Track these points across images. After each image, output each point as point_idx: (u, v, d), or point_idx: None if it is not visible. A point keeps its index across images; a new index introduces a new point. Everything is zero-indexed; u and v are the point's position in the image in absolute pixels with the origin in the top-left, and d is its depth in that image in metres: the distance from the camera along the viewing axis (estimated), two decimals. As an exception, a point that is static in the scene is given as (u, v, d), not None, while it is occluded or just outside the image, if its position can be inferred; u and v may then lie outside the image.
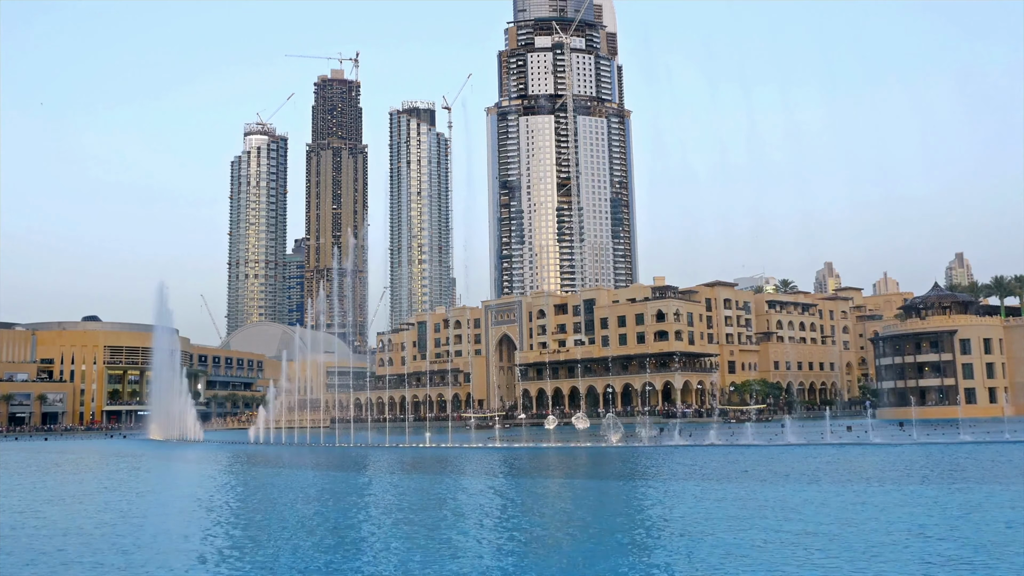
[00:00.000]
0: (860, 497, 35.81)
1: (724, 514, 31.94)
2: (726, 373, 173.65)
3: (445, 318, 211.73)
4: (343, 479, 54.42)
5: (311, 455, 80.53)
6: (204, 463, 72.00)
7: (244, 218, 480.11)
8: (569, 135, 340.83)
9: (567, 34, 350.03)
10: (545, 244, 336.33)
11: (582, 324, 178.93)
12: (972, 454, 57.70)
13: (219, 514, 36.05)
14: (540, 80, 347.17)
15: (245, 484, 53.02)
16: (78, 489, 49.49)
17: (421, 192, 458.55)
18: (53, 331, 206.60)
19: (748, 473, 48.51)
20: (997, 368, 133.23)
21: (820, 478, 44.49)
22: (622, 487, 44.43)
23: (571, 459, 64.99)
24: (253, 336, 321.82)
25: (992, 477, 43.45)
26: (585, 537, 27.93)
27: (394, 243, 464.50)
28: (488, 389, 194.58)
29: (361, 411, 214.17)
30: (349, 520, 33.11)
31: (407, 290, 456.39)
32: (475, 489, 44.12)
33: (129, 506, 40.15)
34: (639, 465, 57.34)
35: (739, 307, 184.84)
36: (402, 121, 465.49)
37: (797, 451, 65.13)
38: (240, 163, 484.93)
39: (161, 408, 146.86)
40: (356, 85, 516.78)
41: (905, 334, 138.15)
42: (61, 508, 39.58)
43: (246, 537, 29.54)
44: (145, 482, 55.13)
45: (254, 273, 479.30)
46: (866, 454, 60.76)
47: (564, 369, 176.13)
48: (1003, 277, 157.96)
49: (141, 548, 27.26)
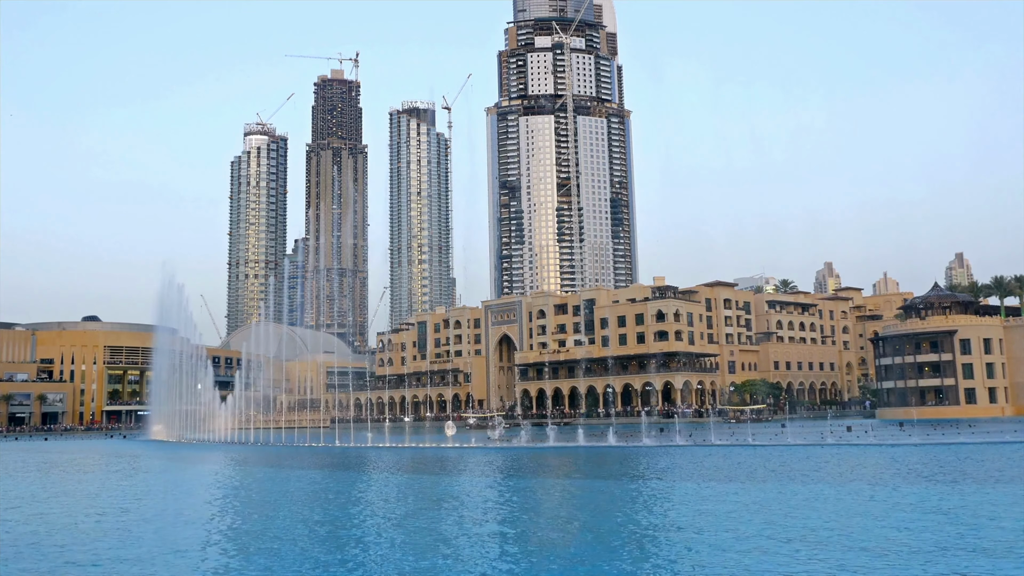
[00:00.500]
0: (861, 497, 35.80)
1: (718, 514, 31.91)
2: (726, 373, 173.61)
3: (445, 318, 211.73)
4: (317, 479, 54.39)
5: (286, 457, 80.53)
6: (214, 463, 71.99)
7: (244, 218, 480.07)
8: (569, 135, 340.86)
9: (567, 34, 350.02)
10: (545, 244, 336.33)
11: (582, 324, 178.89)
12: (972, 454, 57.69)
13: (218, 514, 36.04)
14: (540, 80, 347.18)
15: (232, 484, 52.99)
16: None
17: (421, 192, 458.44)
18: (53, 331, 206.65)
19: (721, 471, 48.48)
20: (997, 368, 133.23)
21: (822, 478, 44.47)
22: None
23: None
24: (253, 336, 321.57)
25: (997, 477, 43.44)
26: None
27: (394, 243, 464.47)
28: (488, 389, 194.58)
29: (361, 411, 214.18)
30: (339, 521, 33.09)
31: (407, 290, 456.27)
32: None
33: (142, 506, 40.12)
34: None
35: (739, 307, 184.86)
36: (402, 121, 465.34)
37: (798, 451, 65.12)
38: (240, 163, 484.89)
39: (168, 408, 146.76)
40: (356, 85, 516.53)
41: (905, 334, 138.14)
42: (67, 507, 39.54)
43: (244, 537, 29.52)
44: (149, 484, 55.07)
45: (254, 273, 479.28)
46: (866, 454, 60.75)
47: (564, 369, 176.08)
48: (1003, 277, 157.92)
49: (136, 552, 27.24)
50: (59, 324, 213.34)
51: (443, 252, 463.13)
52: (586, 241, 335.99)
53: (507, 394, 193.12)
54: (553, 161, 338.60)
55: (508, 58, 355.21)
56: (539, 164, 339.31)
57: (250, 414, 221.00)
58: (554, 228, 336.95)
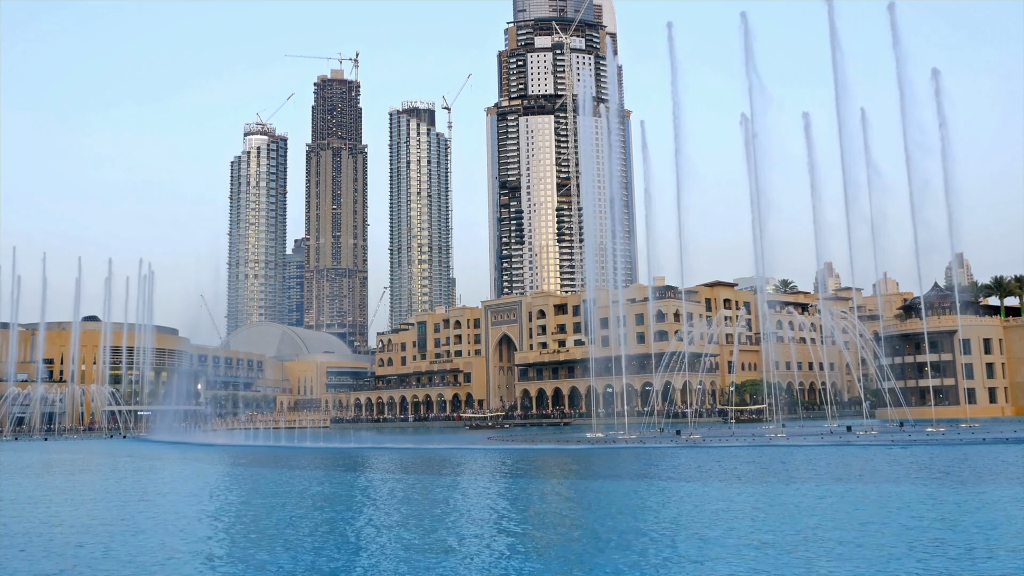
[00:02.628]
0: (858, 497, 35.82)
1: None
2: (726, 373, 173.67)
3: (445, 318, 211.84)
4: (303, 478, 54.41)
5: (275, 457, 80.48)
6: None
7: (244, 218, 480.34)
8: (569, 135, 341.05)
9: (567, 34, 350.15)
10: (545, 244, 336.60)
11: (582, 324, 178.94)
12: (971, 454, 57.73)
13: (217, 514, 36.07)
14: (540, 80, 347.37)
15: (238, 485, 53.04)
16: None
17: (421, 192, 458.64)
18: (53, 331, 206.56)
19: (705, 471, 48.50)
20: (997, 368, 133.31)
21: (823, 477, 44.49)
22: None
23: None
24: (253, 336, 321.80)
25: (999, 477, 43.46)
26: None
27: (394, 243, 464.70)
28: (488, 389, 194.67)
29: (361, 411, 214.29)
30: (335, 521, 33.13)
31: (407, 290, 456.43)
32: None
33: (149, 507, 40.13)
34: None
35: (739, 307, 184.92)
36: (402, 121, 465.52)
37: (798, 451, 65.15)
38: (240, 163, 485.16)
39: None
40: (356, 85, 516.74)
41: (905, 334, 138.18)
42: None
43: (243, 537, 29.55)
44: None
45: (254, 273, 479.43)
46: (866, 455, 60.77)
47: (564, 369, 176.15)
48: (1003, 277, 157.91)
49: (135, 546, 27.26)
50: (59, 324, 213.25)
51: (443, 252, 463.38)
52: (586, 241, 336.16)
53: (507, 394, 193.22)
54: (553, 161, 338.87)
55: (508, 58, 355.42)
56: (539, 164, 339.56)
57: (251, 414, 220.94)
58: (554, 228, 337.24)
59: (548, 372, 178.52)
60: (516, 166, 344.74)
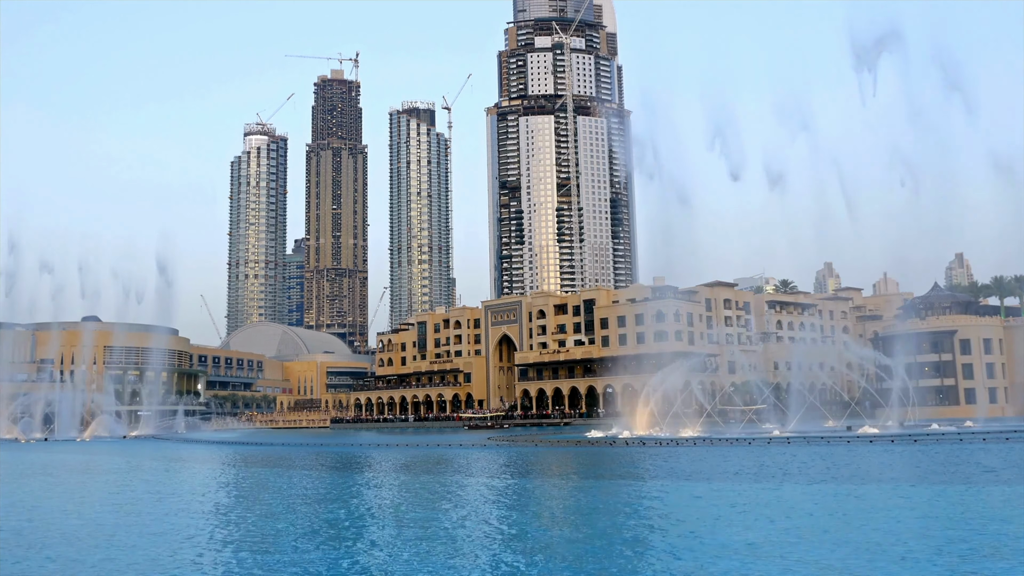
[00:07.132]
0: (854, 496, 35.85)
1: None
2: (726, 373, 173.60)
3: (445, 318, 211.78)
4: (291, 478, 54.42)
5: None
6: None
7: (244, 218, 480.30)
8: (569, 135, 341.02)
9: (567, 34, 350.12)
10: (545, 244, 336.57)
11: (582, 324, 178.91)
12: (970, 453, 57.74)
13: (217, 513, 36.07)
14: (540, 80, 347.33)
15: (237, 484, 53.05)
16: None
17: (421, 192, 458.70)
18: (53, 331, 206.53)
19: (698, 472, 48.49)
20: (997, 368, 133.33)
21: (824, 477, 44.49)
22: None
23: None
24: (253, 336, 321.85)
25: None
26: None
27: (394, 243, 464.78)
28: (488, 389, 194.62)
29: (361, 411, 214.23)
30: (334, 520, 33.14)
31: (407, 290, 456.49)
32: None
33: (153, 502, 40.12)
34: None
35: (739, 307, 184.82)
36: (402, 121, 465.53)
37: (799, 451, 65.15)
38: (240, 163, 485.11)
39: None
40: (356, 85, 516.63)
41: (905, 334, 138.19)
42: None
43: (242, 537, 29.55)
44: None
45: (254, 273, 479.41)
46: (866, 454, 60.78)
47: (564, 369, 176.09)
48: (1003, 277, 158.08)
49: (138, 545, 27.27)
50: (59, 324, 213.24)
51: (443, 252, 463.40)
52: (586, 241, 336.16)
53: (507, 394, 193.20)
54: (553, 161, 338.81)
55: (508, 58, 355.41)
56: (539, 164, 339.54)
57: (251, 414, 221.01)
58: (554, 228, 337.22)
59: (548, 372, 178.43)
60: (516, 166, 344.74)
